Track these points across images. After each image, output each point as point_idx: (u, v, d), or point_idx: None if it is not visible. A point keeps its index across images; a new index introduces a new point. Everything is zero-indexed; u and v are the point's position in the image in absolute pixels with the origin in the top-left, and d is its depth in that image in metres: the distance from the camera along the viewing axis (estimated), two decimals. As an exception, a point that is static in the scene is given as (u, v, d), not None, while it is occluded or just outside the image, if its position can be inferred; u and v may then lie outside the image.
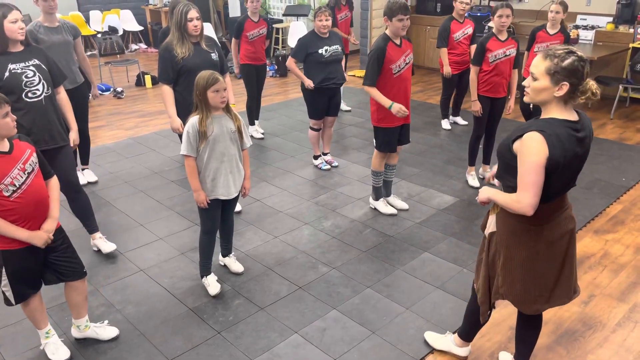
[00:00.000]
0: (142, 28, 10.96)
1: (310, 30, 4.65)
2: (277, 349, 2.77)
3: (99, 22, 10.13)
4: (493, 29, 4.29)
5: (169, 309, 3.09)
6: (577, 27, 7.22)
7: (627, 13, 6.86)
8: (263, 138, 5.86)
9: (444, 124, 6.19)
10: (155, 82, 8.13)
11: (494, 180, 2.30)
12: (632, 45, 6.61)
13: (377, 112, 3.82)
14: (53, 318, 2.99)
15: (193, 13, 3.65)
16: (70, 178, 3.37)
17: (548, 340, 2.83)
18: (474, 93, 4.36)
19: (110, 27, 10.04)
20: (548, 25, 5.01)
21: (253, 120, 5.87)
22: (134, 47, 11.08)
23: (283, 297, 3.18)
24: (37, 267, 2.50)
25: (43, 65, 3.13)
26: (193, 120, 2.86)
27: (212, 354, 2.74)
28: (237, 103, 6.46)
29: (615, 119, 6.42)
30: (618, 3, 6.93)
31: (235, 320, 2.98)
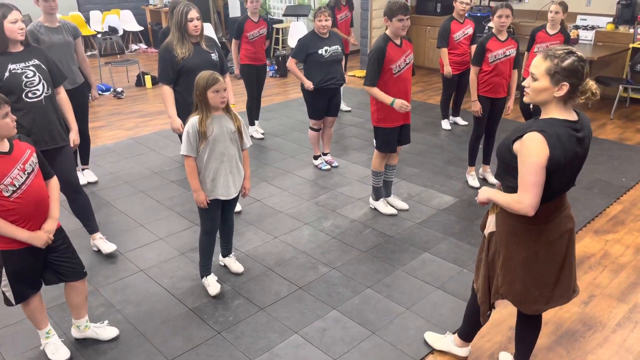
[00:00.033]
0: (142, 28, 10.96)
1: (310, 31, 4.65)
2: (277, 349, 2.77)
3: (99, 22, 10.13)
4: (493, 29, 4.29)
5: (169, 309, 3.09)
6: (577, 27, 7.22)
7: (627, 13, 6.86)
8: (263, 138, 5.86)
9: (444, 124, 6.19)
10: (155, 82, 8.13)
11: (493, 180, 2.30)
12: (632, 46, 6.61)
13: (377, 112, 3.82)
14: (53, 318, 2.99)
15: (193, 13, 3.66)
16: (71, 178, 3.37)
17: (548, 341, 2.83)
18: (474, 93, 4.36)
19: (111, 27, 10.04)
20: (548, 26, 5.01)
21: (253, 121, 5.87)
22: (134, 47, 11.08)
23: (283, 297, 3.18)
24: (37, 267, 2.50)
25: (43, 66, 3.13)
26: (193, 121, 2.86)
27: (212, 354, 2.74)
28: (237, 103, 6.47)
29: (615, 119, 6.42)
30: (618, 3, 6.93)
31: (235, 321, 2.98)
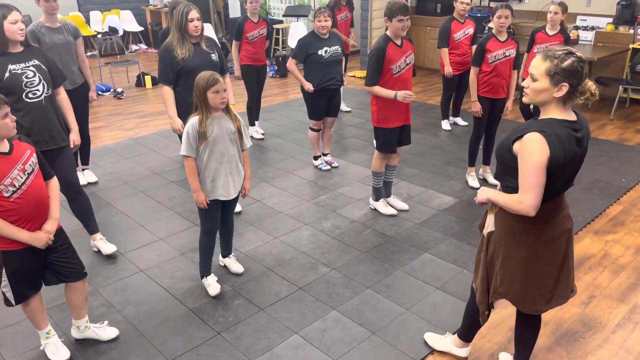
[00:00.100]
0: (142, 29, 10.96)
1: (310, 31, 4.66)
2: (277, 350, 2.77)
3: (99, 22, 10.14)
4: (493, 30, 4.30)
5: (169, 310, 3.09)
6: (577, 27, 7.22)
7: (627, 14, 6.86)
8: (263, 139, 5.86)
9: (444, 125, 6.19)
10: (156, 82, 8.13)
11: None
12: (632, 46, 6.61)
13: (377, 112, 3.82)
14: (53, 318, 2.99)
15: (194, 14, 3.66)
16: (71, 179, 3.37)
17: (548, 341, 2.83)
18: (474, 94, 4.36)
19: (111, 27, 10.04)
20: (547, 27, 5.02)
21: (253, 121, 5.87)
22: (134, 47, 11.09)
23: (283, 297, 3.18)
24: (37, 267, 2.50)
25: (43, 66, 3.13)
26: (193, 121, 2.86)
27: (212, 355, 2.74)
28: (237, 104, 6.47)
29: (615, 120, 6.42)
30: (618, 4, 6.94)
31: (235, 321, 2.98)
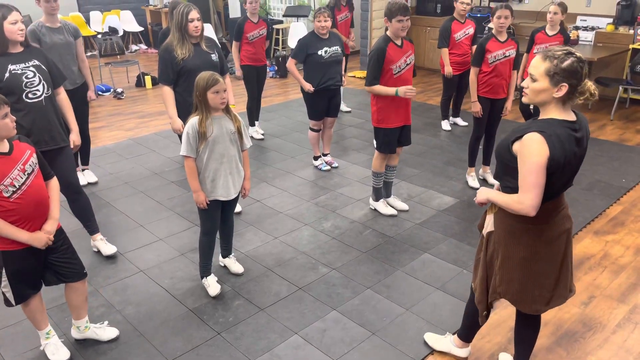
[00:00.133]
0: (142, 29, 10.97)
1: (310, 31, 4.66)
2: (277, 350, 2.77)
3: (99, 22, 10.14)
4: (492, 30, 4.30)
5: (169, 310, 3.09)
6: (577, 28, 7.22)
7: (627, 14, 6.86)
8: (263, 139, 5.86)
9: (444, 125, 6.19)
10: (156, 82, 8.13)
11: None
12: (632, 47, 6.61)
13: (377, 112, 3.82)
14: (53, 319, 2.98)
15: (194, 14, 3.66)
16: (71, 180, 3.36)
17: (548, 342, 2.83)
18: (474, 94, 4.36)
19: (111, 27, 10.04)
20: (547, 27, 5.02)
21: (253, 121, 5.86)
22: (134, 47, 11.09)
23: (283, 298, 3.18)
24: (37, 267, 2.50)
25: (43, 66, 3.13)
26: (193, 121, 2.86)
27: (212, 355, 2.74)
28: (237, 104, 6.47)
29: (615, 120, 6.42)
30: (618, 4, 6.94)
31: (235, 321, 2.98)
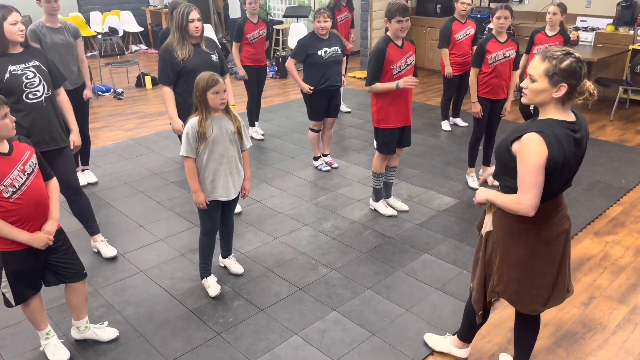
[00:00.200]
0: (142, 29, 10.97)
1: (310, 32, 4.66)
2: (277, 350, 2.77)
3: (99, 23, 10.14)
4: (492, 31, 4.30)
5: (169, 310, 3.09)
6: (577, 28, 7.23)
7: (627, 15, 6.86)
8: (263, 139, 5.86)
9: (444, 126, 6.19)
10: (156, 83, 8.13)
11: (488, 177, 2.31)
12: (632, 47, 6.61)
13: (377, 112, 3.82)
14: (53, 319, 2.98)
15: (194, 14, 3.66)
16: (71, 180, 3.36)
17: (548, 342, 2.83)
18: (474, 95, 4.36)
19: (111, 28, 10.04)
20: (547, 27, 5.03)
21: (253, 122, 5.86)
22: (134, 48, 11.09)
23: (283, 298, 3.18)
24: (37, 268, 2.50)
25: (43, 67, 3.13)
26: (192, 122, 2.86)
27: (212, 355, 2.74)
28: (237, 104, 6.47)
29: (615, 121, 6.42)
30: (618, 5, 6.94)
31: (235, 322, 2.98)
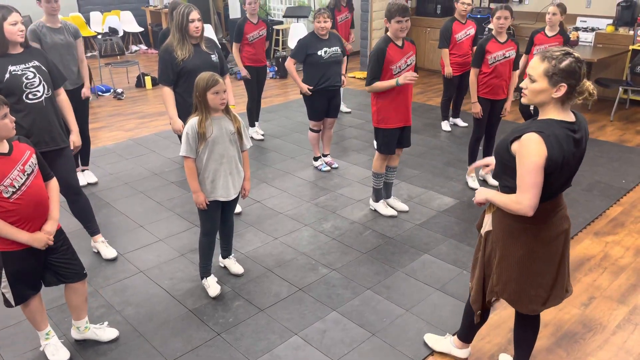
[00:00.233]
0: (142, 29, 10.97)
1: (310, 32, 4.66)
2: (277, 351, 2.77)
3: (99, 23, 10.14)
4: (492, 31, 4.30)
5: (169, 311, 3.09)
6: (577, 29, 7.23)
7: (627, 15, 6.86)
8: (263, 139, 5.86)
9: (444, 126, 6.19)
10: (156, 83, 8.13)
11: (486, 172, 2.33)
12: (632, 47, 6.61)
13: (377, 112, 3.82)
14: (53, 319, 2.98)
15: (195, 14, 3.66)
16: (71, 181, 3.36)
17: (548, 343, 2.82)
18: (474, 95, 4.36)
19: (111, 28, 10.04)
20: (546, 28, 5.03)
21: (253, 122, 5.86)
22: (134, 48, 11.09)
23: (283, 298, 3.18)
24: (37, 268, 2.50)
25: (43, 67, 3.13)
26: (192, 122, 2.86)
27: (212, 356, 2.74)
28: (237, 104, 6.47)
29: (615, 121, 6.42)
30: (618, 5, 6.94)
31: (235, 322, 2.98)
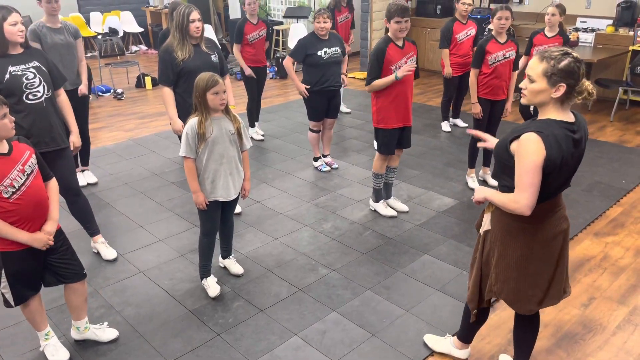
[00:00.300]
0: (142, 30, 10.97)
1: (311, 32, 4.66)
2: (277, 351, 2.76)
3: (100, 23, 10.14)
4: (492, 32, 4.30)
5: (169, 311, 3.09)
6: (577, 29, 7.23)
7: (627, 15, 6.87)
8: (263, 140, 5.86)
9: (444, 126, 6.18)
10: (156, 83, 8.13)
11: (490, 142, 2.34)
12: (632, 48, 6.61)
13: (377, 112, 3.82)
14: (52, 320, 2.98)
15: (195, 15, 3.66)
16: (70, 182, 3.35)
17: (548, 343, 2.82)
18: (474, 95, 4.36)
19: (111, 28, 10.05)
20: (546, 29, 5.03)
21: (253, 122, 5.86)
22: (134, 48, 11.10)
23: (283, 299, 3.18)
24: (36, 268, 2.49)
25: (43, 67, 3.13)
26: (192, 122, 2.86)
27: (211, 356, 2.74)
28: (237, 105, 6.46)
29: (615, 122, 6.42)
30: (618, 6, 6.94)
31: (235, 322, 2.98)
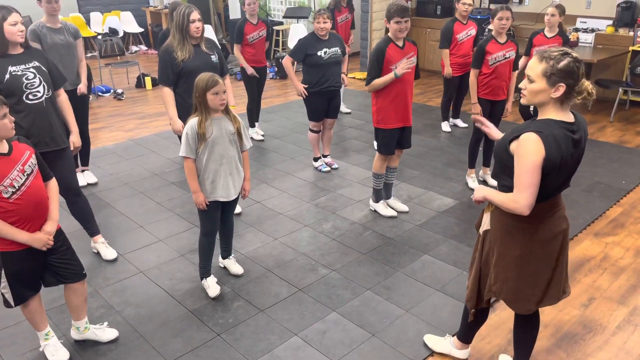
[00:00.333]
0: (142, 30, 10.98)
1: (311, 32, 4.66)
2: (277, 351, 2.76)
3: (100, 23, 10.14)
4: (493, 32, 4.30)
5: (169, 311, 3.09)
6: (577, 30, 7.23)
7: (627, 16, 6.87)
8: (263, 140, 5.86)
9: (444, 127, 6.19)
10: (156, 83, 8.14)
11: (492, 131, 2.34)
12: (632, 48, 6.61)
13: (377, 113, 3.82)
14: (52, 320, 2.98)
15: (195, 15, 3.66)
16: (70, 182, 3.35)
17: (548, 343, 2.82)
18: (474, 96, 4.36)
19: (111, 28, 10.05)
20: (545, 29, 5.03)
21: (253, 123, 5.87)
22: (134, 48, 11.10)
23: (283, 299, 3.18)
24: (36, 268, 2.49)
25: (43, 67, 3.13)
26: (192, 122, 2.86)
27: (211, 356, 2.74)
28: (237, 105, 6.46)
29: (615, 122, 6.42)
30: (618, 6, 6.94)
31: (235, 323, 2.98)
